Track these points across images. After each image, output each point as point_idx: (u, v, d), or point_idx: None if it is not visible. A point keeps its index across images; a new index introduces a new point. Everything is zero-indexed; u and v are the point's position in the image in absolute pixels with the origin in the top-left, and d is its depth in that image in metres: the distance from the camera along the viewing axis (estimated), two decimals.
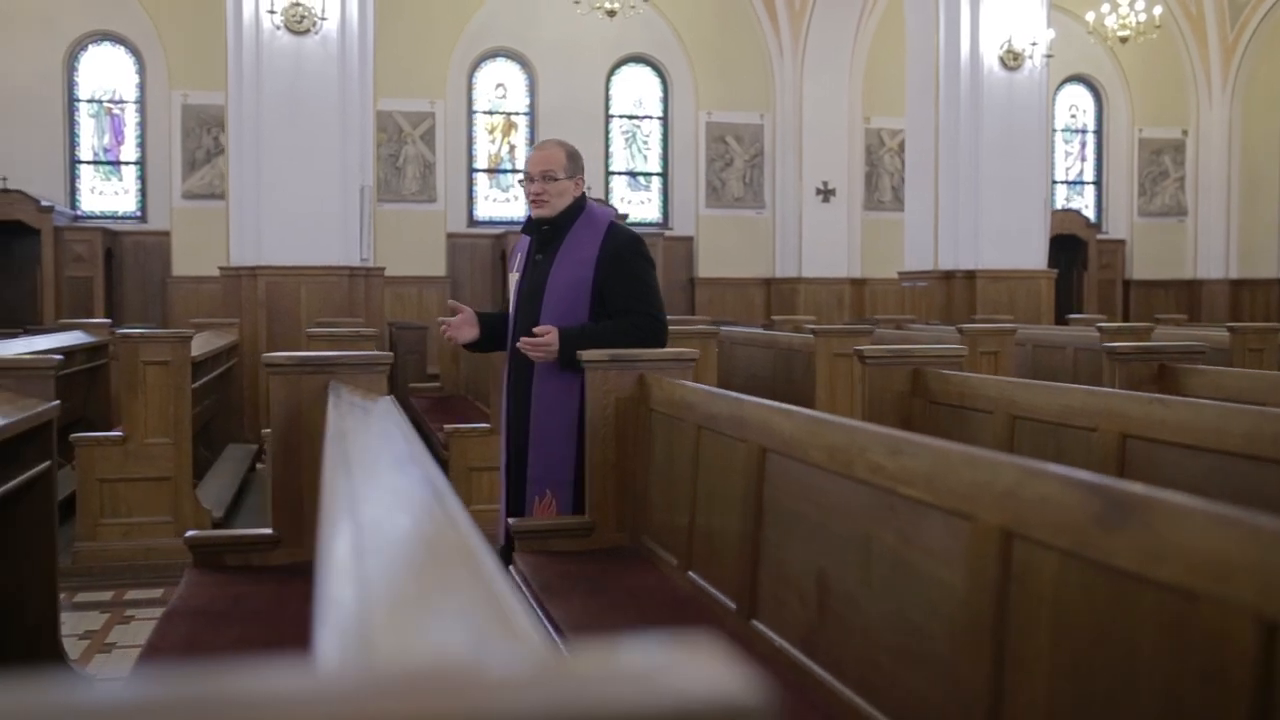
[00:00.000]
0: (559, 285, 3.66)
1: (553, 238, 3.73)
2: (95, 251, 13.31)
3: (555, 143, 3.86)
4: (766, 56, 15.19)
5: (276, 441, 3.46)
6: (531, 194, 3.71)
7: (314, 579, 3.14)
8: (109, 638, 4.93)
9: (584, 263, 3.66)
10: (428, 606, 0.93)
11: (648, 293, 3.72)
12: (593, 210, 3.80)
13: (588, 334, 3.60)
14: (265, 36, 9.76)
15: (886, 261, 15.29)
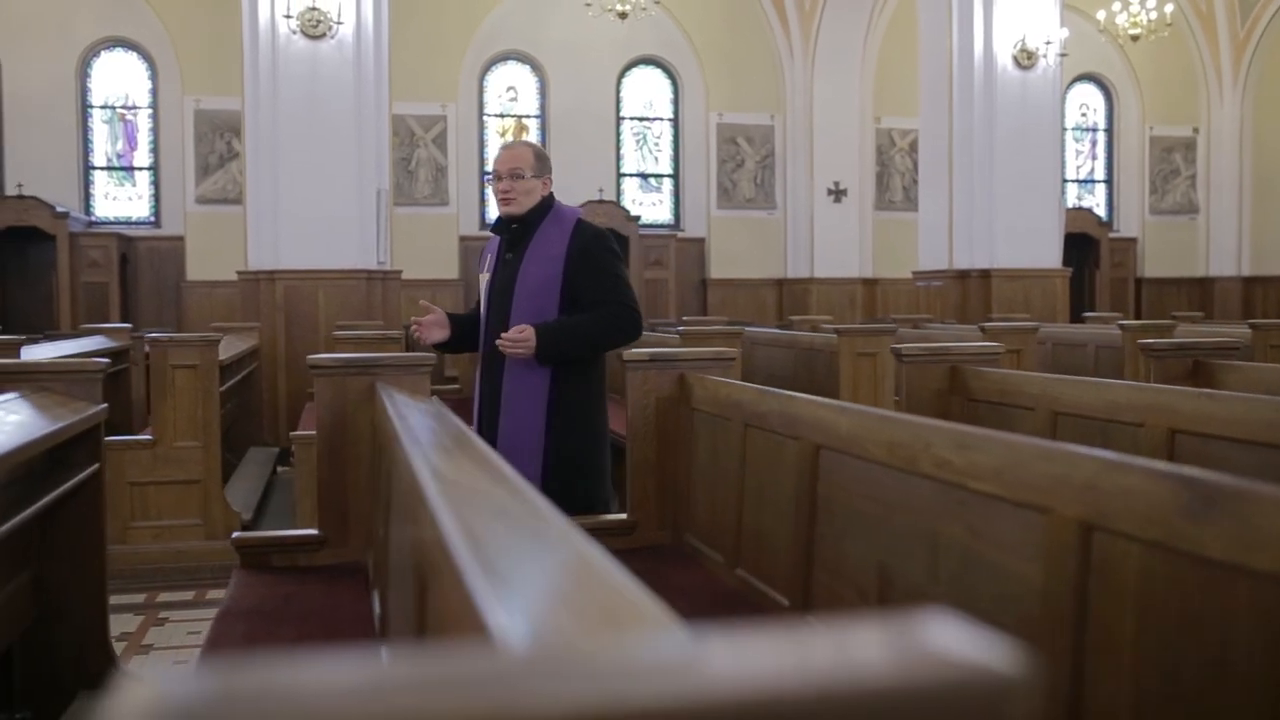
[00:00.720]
0: (529, 283, 3.68)
1: (522, 236, 3.75)
2: (110, 257, 13.34)
3: (523, 143, 3.93)
4: (777, 57, 15.21)
5: (322, 443, 3.48)
6: (500, 192, 3.75)
7: (367, 579, 3.16)
8: (145, 639, 4.95)
9: (553, 259, 3.68)
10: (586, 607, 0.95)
11: (618, 284, 3.71)
12: (560, 209, 3.83)
13: (565, 328, 3.60)
14: (281, 41, 9.78)
15: (898, 261, 15.31)
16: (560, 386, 3.64)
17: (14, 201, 12.95)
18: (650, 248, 14.48)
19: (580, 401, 3.70)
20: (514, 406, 3.69)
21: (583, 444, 3.69)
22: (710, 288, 15.23)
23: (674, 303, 14.44)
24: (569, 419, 3.66)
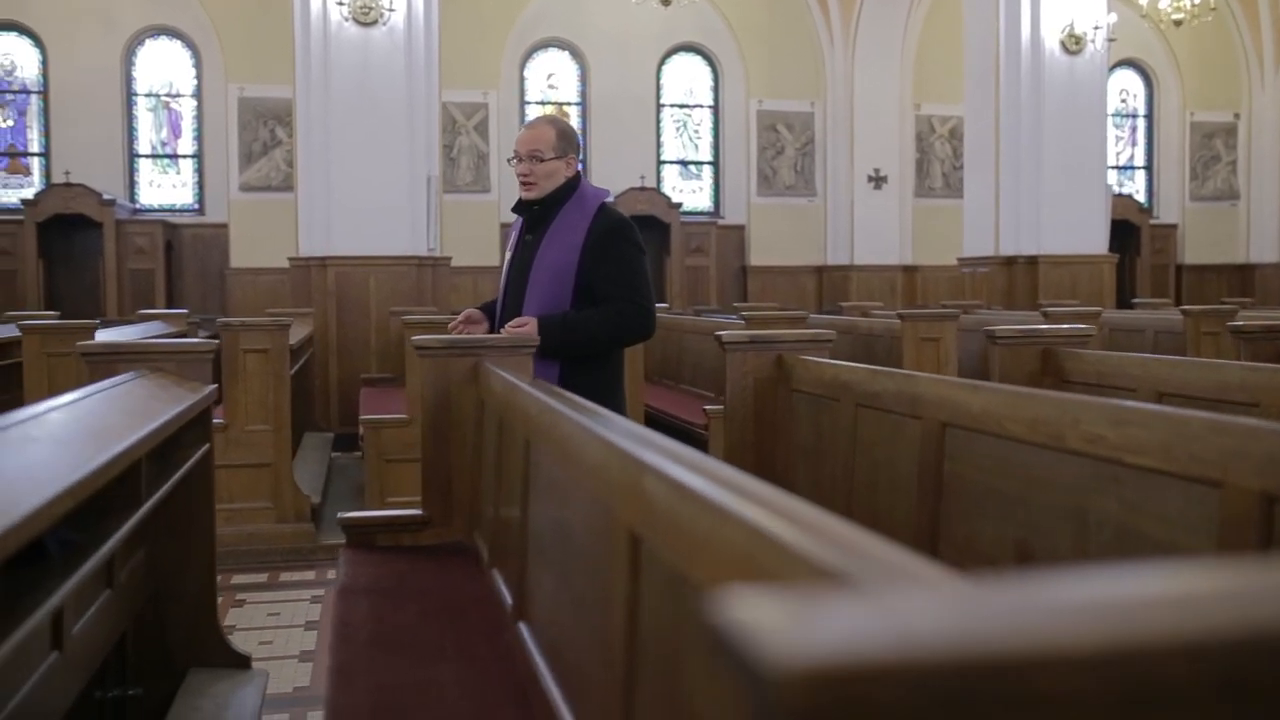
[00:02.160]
0: (545, 268, 3.55)
1: (542, 218, 3.61)
2: (156, 244, 13.44)
3: (546, 120, 3.76)
4: (817, 44, 15.17)
5: (426, 424, 3.51)
6: (520, 174, 3.61)
7: (477, 558, 3.18)
8: (226, 621, 5.00)
9: (570, 247, 3.53)
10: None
11: (634, 279, 3.55)
12: (585, 191, 3.65)
13: (568, 323, 3.47)
14: (332, 28, 9.82)
15: (938, 248, 15.27)
16: (570, 375, 3.50)
17: (61, 189, 13.05)
18: (691, 235, 14.48)
19: (591, 390, 3.61)
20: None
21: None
22: (750, 275, 15.22)
23: (714, 290, 14.44)
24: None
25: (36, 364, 5.79)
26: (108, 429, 2.20)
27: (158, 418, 2.49)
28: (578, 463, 1.87)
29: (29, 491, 1.57)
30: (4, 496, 1.52)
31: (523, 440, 2.49)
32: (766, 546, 1.03)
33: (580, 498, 1.90)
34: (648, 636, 1.48)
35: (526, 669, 2.30)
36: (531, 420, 2.37)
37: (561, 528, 2.09)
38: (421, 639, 2.58)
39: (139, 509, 2.41)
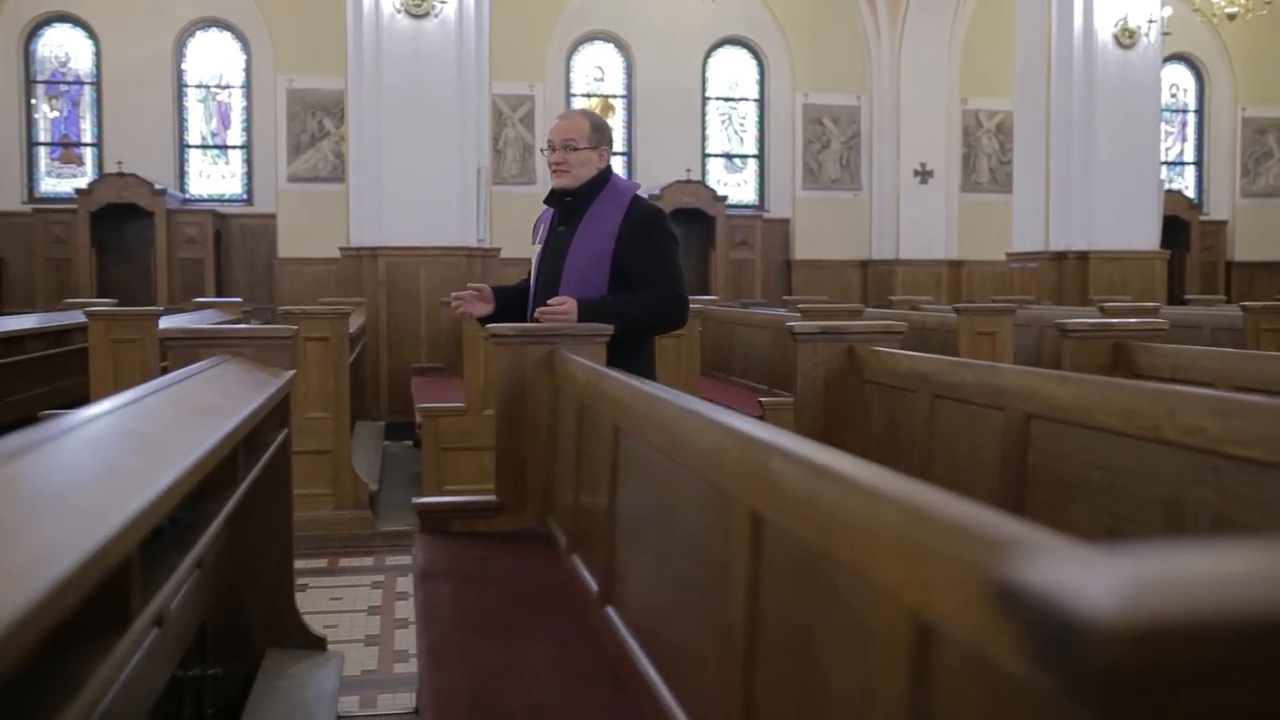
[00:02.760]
0: (579, 257, 3.58)
1: (575, 209, 3.65)
2: (205, 234, 13.58)
3: (580, 112, 3.81)
4: (863, 37, 15.10)
5: (500, 411, 3.54)
6: (552, 163, 3.66)
7: (553, 543, 3.21)
8: None
9: (605, 236, 3.57)
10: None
11: (669, 268, 3.58)
12: (617, 183, 3.71)
13: (607, 305, 3.51)
14: (385, 20, 9.89)
15: (984, 243, 15.18)
16: (607, 360, 3.49)
17: (114, 179, 13.21)
18: (736, 228, 14.47)
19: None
20: None
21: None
22: (794, 268, 15.19)
23: (759, 283, 14.43)
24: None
25: (102, 349, 5.87)
26: (211, 410, 2.24)
27: (253, 400, 2.53)
28: (685, 447, 1.89)
29: (159, 468, 1.60)
30: (136, 474, 1.56)
31: (611, 427, 2.51)
32: (928, 523, 1.04)
33: (686, 482, 1.92)
34: (770, 615, 1.50)
35: (617, 651, 2.33)
36: (624, 407, 2.39)
37: (661, 512, 2.11)
38: (508, 622, 2.61)
39: (236, 489, 2.45)
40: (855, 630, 1.21)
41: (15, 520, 1.13)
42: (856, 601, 1.20)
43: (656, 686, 2.04)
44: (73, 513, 1.23)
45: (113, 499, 1.31)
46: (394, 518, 6.46)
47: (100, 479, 1.48)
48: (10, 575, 0.93)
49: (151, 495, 1.43)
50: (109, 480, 1.45)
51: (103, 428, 1.77)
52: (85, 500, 1.30)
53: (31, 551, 1.07)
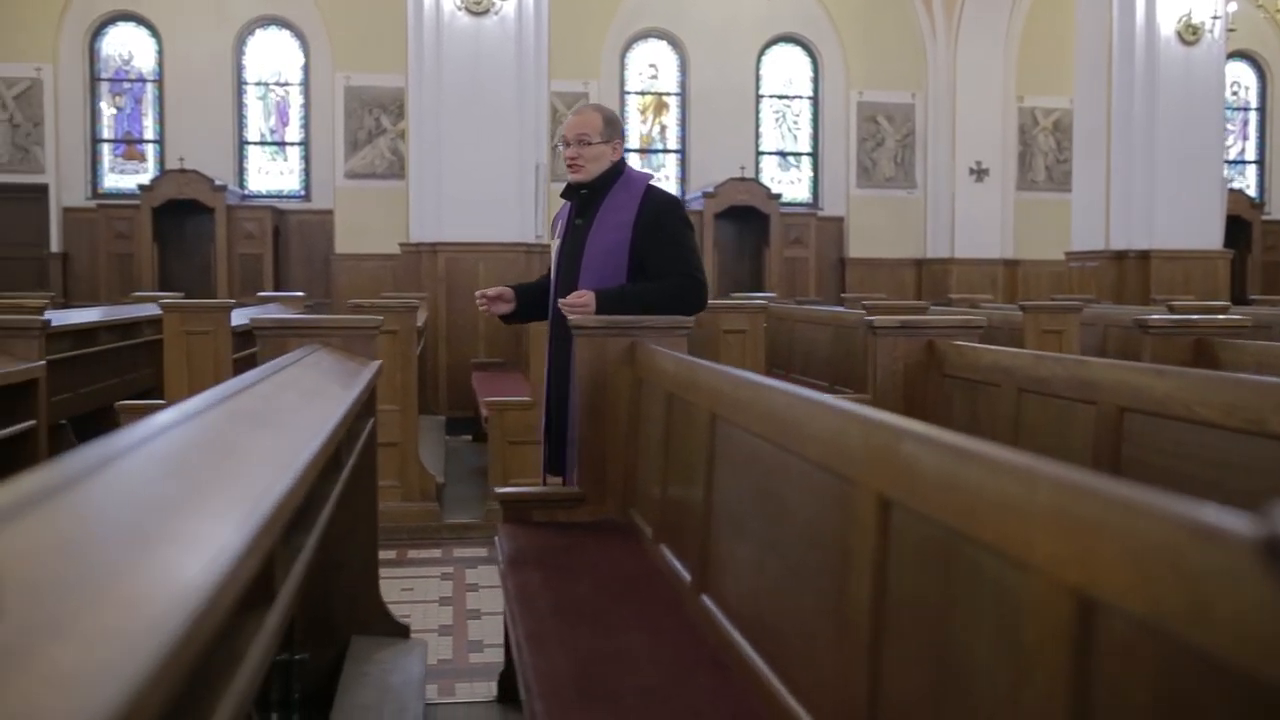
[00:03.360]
0: (597, 249, 3.65)
1: (591, 202, 3.72)
2: (265, 229, 13.75)
3: (593, 107, 3.86)
4: (919, 35, 15.03)
5: (582, 403, 3.57)
6: (567, 158, 3.72)
7: (636, 534, 3.24)
8: None
9: (621, 226, 3.63)
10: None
11: (686, 254, 3.65)
12: (630, 174, 3.77)
13: (625, 295, 3.57)
14: (445, 18, 9.97)
15: (1040, 242, 15.07)
16: None
17: (176, 175, 13.41)
18: (790, 226, 14.45)
19: None
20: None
21: None
22: (849, 267, 15.15)
23: (813, 281, 14.40)
24: None
25: (176, 341, 5.98)
26: (321, 393, 2.29)
27: (354, 386, 2.58)
28: (797, 434, 1.91)
29: (296, 447, 1.64)
30: (279, 449, 1.60)
31: (707, 416, 2.54)
32: (1094, 500, 1.06)
33: (796, 468, 1.94)
34: (899, 597, 1.52)
35: (717, 638, 2.35)
36: (723, 396, 2.41)
37: (765, 500, 2.13)
38: (602, 610, 2.64)
39: (341, 473, 2.50)
40: (1002, 608, 1.23)
41: (202, 481, 1.18)
42: (1004, 580, 1.22)
43: (762, 672, 2.06)
44: (240, 482, 1.27)
45: (271, 469, 1.35)
46: (459, 510, 6.53)
47: (245, 454, 1.53)
48: (220, 516, 0.97)
49: (297, 470, 1.47)
50: (256, 454, 1.50)
51: (231, 409, 1.82)
52: (245, 472, 1.34)
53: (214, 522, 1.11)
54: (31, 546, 0.81)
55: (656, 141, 15.11)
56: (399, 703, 3.04)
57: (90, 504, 0.99)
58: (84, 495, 0.98)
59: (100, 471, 1.08)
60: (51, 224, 13.92)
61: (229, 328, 6.04)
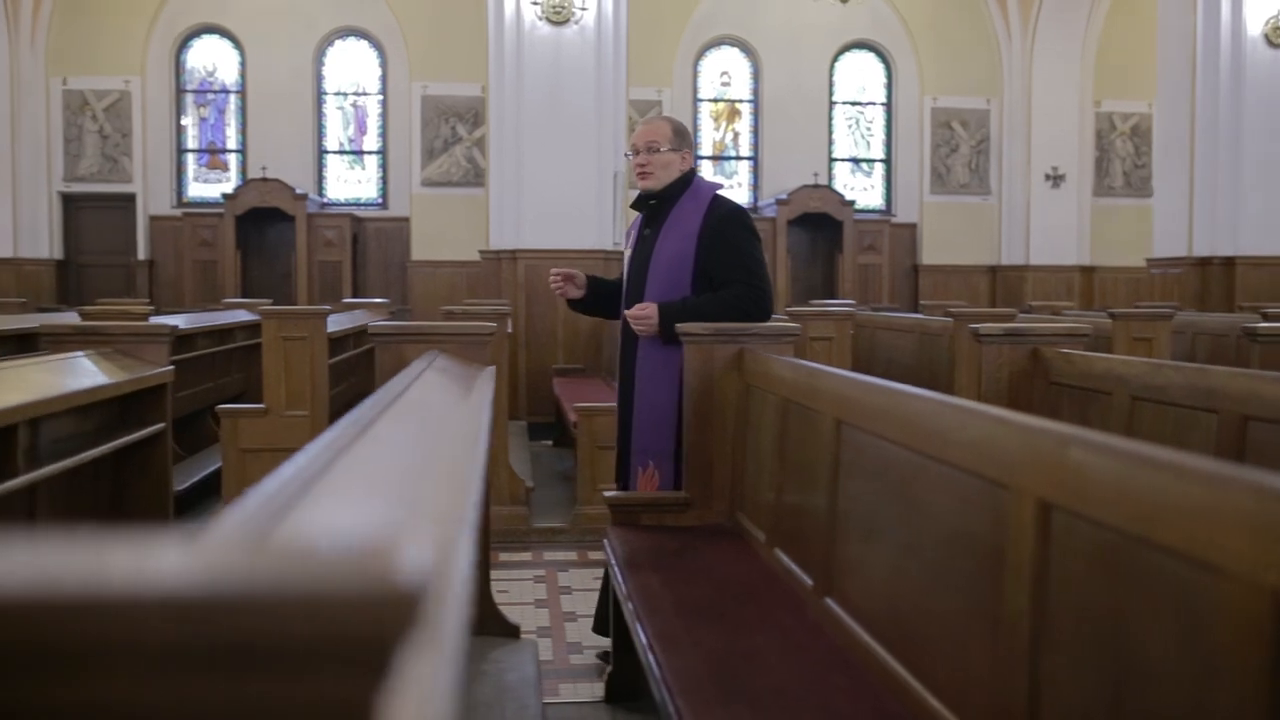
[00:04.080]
0: (663, 258, 3.66)
1: (659, 213, 3.74)
2: (344, 237, 13.99)
3: (662, 117, 3.88)
4: (994, 40, 14.94)
5: (690, 409, 3.63)
6: (636, 166, 3.74)
7: (744, 539, 3.28)
8: None
9: (687, 236, 3.65)
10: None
11: (749, 263, 3.66)
12: (699, 184, 3.79)
13: (688, 307, 3.58)
14: (525, 28, 10.09)
15: (1117, 248, 14.92)
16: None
17: (258, 183, 13.69)
18: (863, 233, 14.42)
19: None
20: (647, 380, 3.70)
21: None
22: (921, 274, 15.08)
23: (886, 288, 14.35)
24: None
25: (274, 346, 6.12)
26: (465, 396, 2.36)
27: (486, 389, 2.65)
28: (941, 440, 1.95)
29: (471, 445, 1.71)
30: (463, 436, 1.67)
31: (831, 423, 2.58)
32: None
33: (937, 474, 1.98)
34: (1063, 599, 1.55)
35: (844, 639, 2.39)
36: (851, 403, 2.45)
37: (901, 505, 2.16)
38: (725, 611, 2.69)
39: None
40: (1187, 611, 1.26)
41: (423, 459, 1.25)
42: (1191, 583, 1.25)
43: (897, 672, 2.10)
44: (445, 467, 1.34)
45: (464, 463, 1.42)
46: (546, 514, 6.61)
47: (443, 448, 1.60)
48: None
49: (479, 467, 1.54)
50: (445, 457, 1.57)
51: (399, 410, 1.89)
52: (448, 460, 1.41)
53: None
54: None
55: (729, 149, 15.15)
56: (519, 701, 3.10)
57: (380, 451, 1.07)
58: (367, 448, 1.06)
59: (362, 440, 1.16)
60: (139, 232, 14.27)
61: (325, 333, 6.17)
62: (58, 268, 14.11)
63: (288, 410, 6.10)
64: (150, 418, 3.41)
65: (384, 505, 1.07)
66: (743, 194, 15.02)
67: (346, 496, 1.04)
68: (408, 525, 0.99)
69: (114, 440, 3.08)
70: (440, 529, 0.94)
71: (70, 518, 3.11)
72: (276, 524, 0.85)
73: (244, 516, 0.86)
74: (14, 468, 2.44)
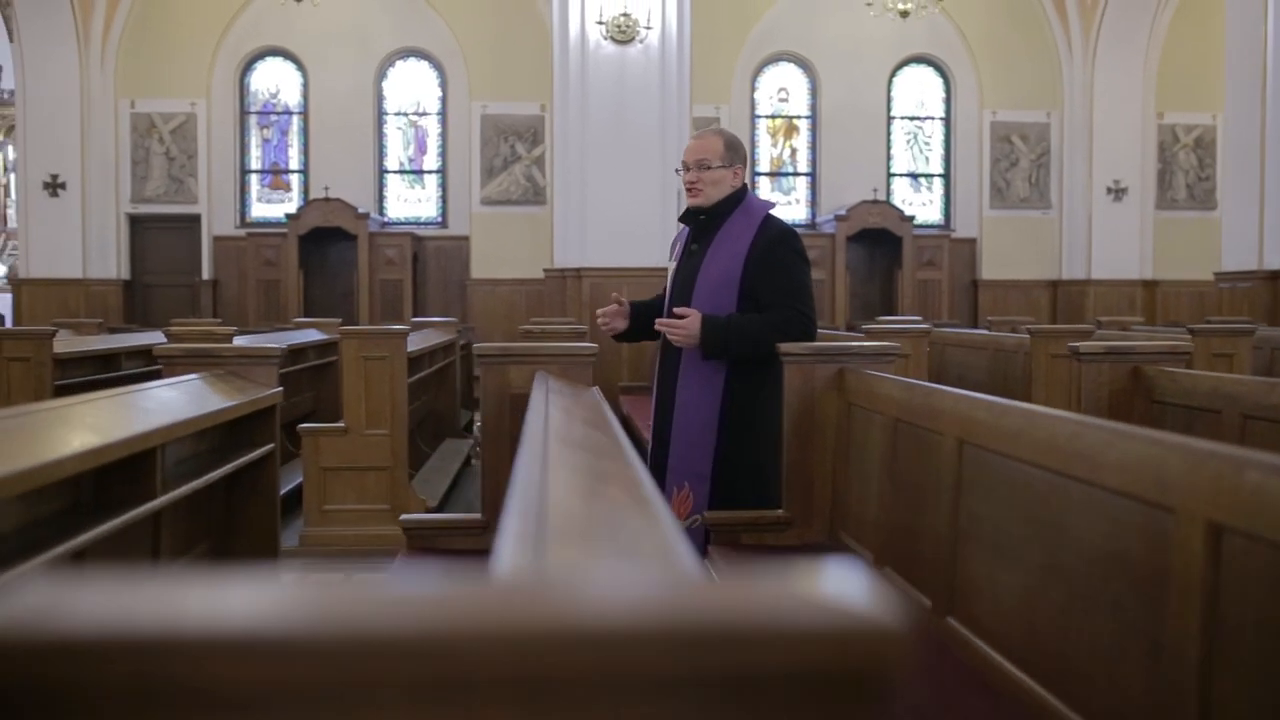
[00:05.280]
0: (710, 276, 3.58)
1: (709, 228, 3.66)
2: (404, 256, 14.13)
3: (714, 132, 3.80)
4: (1054, 53, 14.86)
5: (790, 428, 3.64)
6: (686, 183, 3.67)
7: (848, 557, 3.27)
8: None
9: (736, 255, 3.56)
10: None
11: (797, 289, 3.56)
12: (751, 202, 3.70)
13: (732, 324, 3.50)
14: (590, 47, 10.17)
15: (1180, 262, 14.77)
16: (735, 384, 3.56)
17: (321, 203, 13.87)
18: (923, 248, 14.36)
19: (755, 401, 3.61)
20: (687, 401, 3.62)
21: (756, 443, 3.60)
22: (981, 289, 15.00)
23: (945, 304, 14.28)
24: (743, 418, 3.58)
25: (354, 365, 6.20)
26: (599, 418, 2.40)
27: (609, 413, 2.68)
28: (1086, 462, 1.95)
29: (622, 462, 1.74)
30: (628, 469, 1.70)
31: (953, 443, 2.59)
32: None
33: (1081, 495, 1.98)
34: (1236, 622, 1.55)
35: (973, 659, 2.39)
36: (977, 424, 2.46)
37: (1039, 527, 2.16)
38: None
39: None
40: None
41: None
42: None
43: (1036, 693, 2.10)
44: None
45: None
46: None
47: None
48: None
49: (659, 497, 1.56)
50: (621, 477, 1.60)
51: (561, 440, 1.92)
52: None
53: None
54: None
55: (787, 165, 15.16)
56: None
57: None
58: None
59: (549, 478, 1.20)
60: (203, 252, 14.49)
61: (405, 353, 6.24)
62: (124, 288, 14.36)
63: (368, 429, 6.17)
64: (260, 438, 3.47)
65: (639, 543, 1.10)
66: (800, 210, 15.03)
67: (599, 544, 1.07)
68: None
69: (231, 461, 3.15)
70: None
71: (190, 540, 3.18)
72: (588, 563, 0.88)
73: (528, 560, 0.89)
74: (153, 488, 2.50)
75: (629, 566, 1.01)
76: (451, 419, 9.10)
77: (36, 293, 13.89)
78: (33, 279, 13.98)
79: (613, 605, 0.50)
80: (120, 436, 2.25)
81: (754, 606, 0.48)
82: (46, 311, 13.10)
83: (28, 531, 2.18)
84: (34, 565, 1.99)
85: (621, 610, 0.49)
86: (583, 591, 0.51)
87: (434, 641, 0.45)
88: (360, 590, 0.47)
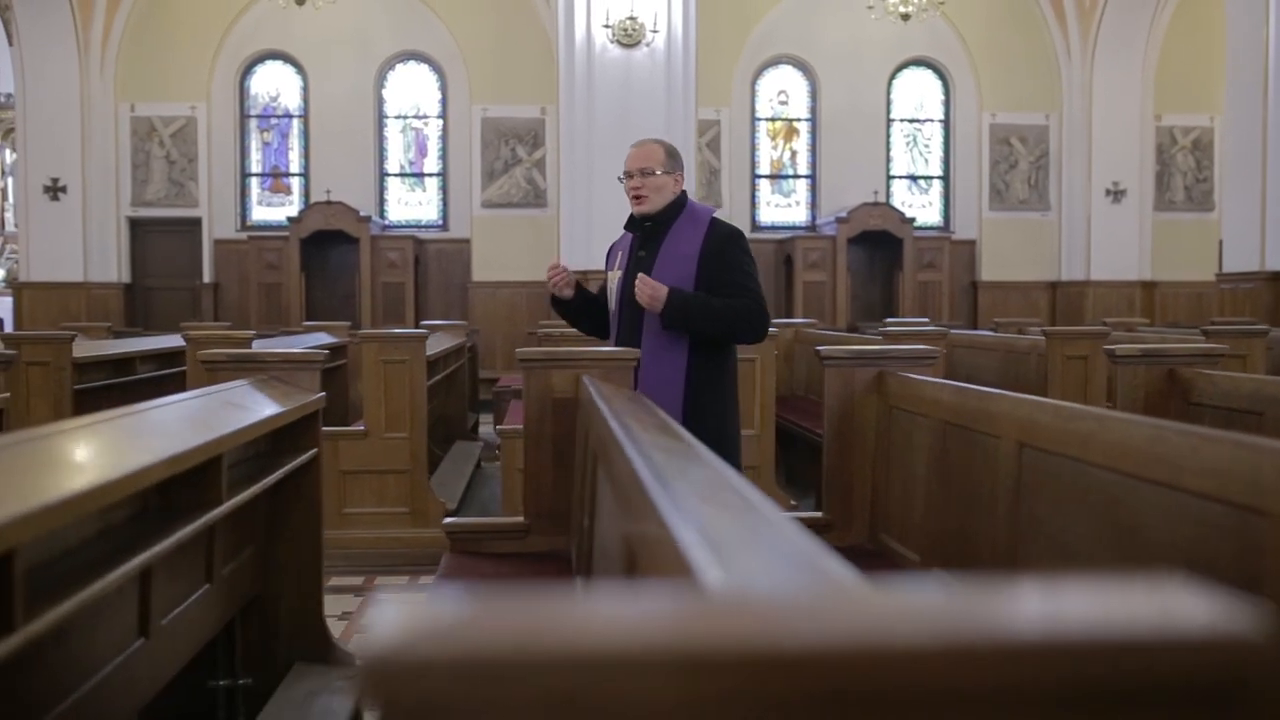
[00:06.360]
0: (663, 279, 3.64)
1: (655, 234, 3.74)
2: (406, 259, 14.11)
3: (654, 141, 3.87)
4: (1053, 56, 14.92)
5: (830, 432, 3.66)
6: (631, 189, 3.73)
7: (892, 560, 3.29)
8: None
9: (688, 257, 3.65)
10: None
11: (751, 283, 3.65)
12: (694, 207, 3.79)
13: (698, 299, 3.58)
14: (596, 51, 10.20)
15: (1178, 263, 14.85)
16: (695, 375, 3.64)
17: (322, 206, 13.85)
18: (923, 250, 14.41)
19: (714, 392, 3.68)
20: (650, 395, 3.60)
21: (718, 430, 3.61)
22: (980, 290, 15.05)
23: (945, 305, 14.33)
24: (703, 409, 3.63)
25: (374, 369, 6.20)
26: (667, 427, 2.41)
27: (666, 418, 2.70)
28: (1166, 466, 1.97)
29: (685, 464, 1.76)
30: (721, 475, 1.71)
31: (1013, 446, 2.61)
32: None
33: (1157, 498, 2.00)
34: None
35: None
36: (1040, 428, 2.48)
37: (1112, 530, 2.19)
38: None
39: None
40: None
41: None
42: None
43: None
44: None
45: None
46: None
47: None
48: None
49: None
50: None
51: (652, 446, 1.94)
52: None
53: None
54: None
55: (787, 167, 15.20)
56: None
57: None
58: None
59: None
60: (204, 255, 14.47)
61: (424, 357, 6.25)
62: (125, 291, 14.32)
63: (387, 432, 6.17)
64: (303, 443, 3.48)
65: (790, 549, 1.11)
66: (801, 212, 15.07)
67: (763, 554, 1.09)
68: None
69: (280, 466, 3.15)
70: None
71: (238, 545, 3.18)
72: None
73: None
74: (219, 495, 2.50)
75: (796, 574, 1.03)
76: (460, 422, 9.11)
77: (37, 296, 13.85)
78: (34, 282, 13.94)
79: (1011, 618, 0.52)
80: (195, 443, 2.26)
81: (1128, 618, 0.50)
82: (47, 315, 13.08)
83: (105, 539, 2.19)
84: (117, 576, 2.00)
85: (1021, 624, 0.51)
86: (984, 607, 0.53)
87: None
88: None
